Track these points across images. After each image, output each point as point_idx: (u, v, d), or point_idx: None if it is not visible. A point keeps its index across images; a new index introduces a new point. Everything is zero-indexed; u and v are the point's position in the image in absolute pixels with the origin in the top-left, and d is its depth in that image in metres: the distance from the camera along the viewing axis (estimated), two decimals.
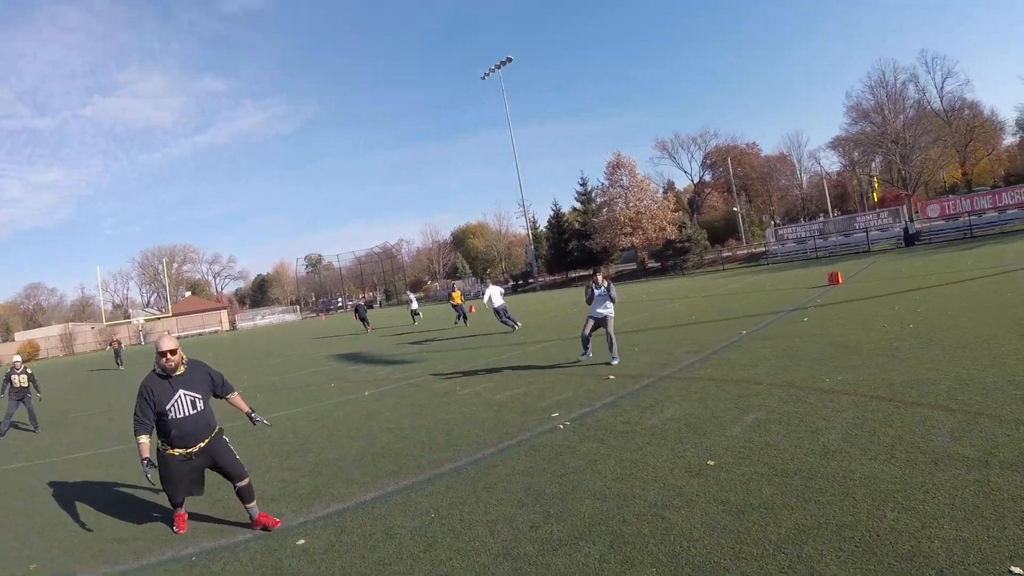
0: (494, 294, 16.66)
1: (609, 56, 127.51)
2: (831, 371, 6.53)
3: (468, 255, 74.38)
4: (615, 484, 4.13)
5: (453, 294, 22.72)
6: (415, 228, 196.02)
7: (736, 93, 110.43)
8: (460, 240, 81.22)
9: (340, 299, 62.46)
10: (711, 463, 4.25)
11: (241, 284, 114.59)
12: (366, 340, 21.03)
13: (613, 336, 8.90)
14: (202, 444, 4.18)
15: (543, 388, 7.83)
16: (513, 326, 16.43)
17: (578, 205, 52.34)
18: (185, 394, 4.15)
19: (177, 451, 4.13)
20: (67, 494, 5.96)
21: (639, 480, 4.15)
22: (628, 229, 43.67)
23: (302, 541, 3.94)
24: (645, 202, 44.50)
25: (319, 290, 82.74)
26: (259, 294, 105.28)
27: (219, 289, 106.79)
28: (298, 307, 70.70)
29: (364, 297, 63.21)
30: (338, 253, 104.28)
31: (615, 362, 8.72)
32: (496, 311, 16.69)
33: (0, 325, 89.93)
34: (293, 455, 6.26)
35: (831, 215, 53.83)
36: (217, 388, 4.46)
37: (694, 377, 7.21)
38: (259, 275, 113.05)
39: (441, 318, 26.09)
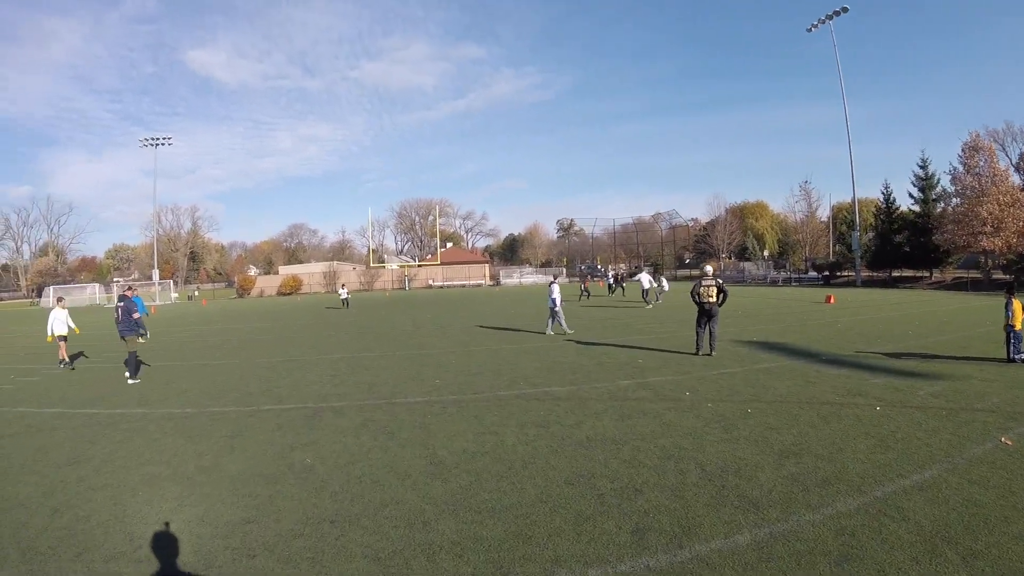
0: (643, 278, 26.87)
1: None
2: None
3: (756, 234, 68.35)
4: None
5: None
6: (691, 202, 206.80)
7: None
8: (741, 217, 74.01)
9: (600, 266, 64.27)
10: None
11: (491, 241, 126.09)
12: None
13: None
14: None
15: None
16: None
17: (915, 192, 44.54)
18: None
19: None
20: None
21: None
22: (989, 229, 36.07)
23: None
24: (1005, 197, 36.23)
25: (571, 255, 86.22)
26: (509, 253, 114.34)
27: (471, 244, 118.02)
28: (564, 269, 74.70)
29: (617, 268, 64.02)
30: (597, 217, 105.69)
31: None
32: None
33: (263, 259, 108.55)
34: None
35: None
36: None
37: None
38: (511, 234, 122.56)
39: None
